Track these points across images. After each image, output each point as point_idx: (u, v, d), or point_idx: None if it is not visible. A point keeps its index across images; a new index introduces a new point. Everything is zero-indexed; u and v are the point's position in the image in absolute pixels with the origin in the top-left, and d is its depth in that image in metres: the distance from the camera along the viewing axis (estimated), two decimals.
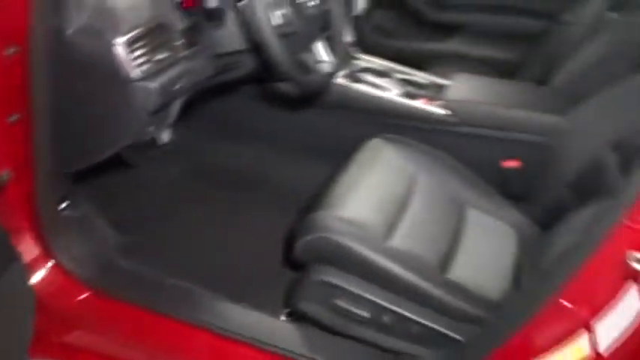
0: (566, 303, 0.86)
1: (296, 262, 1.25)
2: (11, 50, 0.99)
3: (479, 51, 2.30)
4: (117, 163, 1.73)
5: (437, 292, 1.16)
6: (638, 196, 0.75)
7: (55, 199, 1.23)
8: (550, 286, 0.87)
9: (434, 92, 1.65)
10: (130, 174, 1.78)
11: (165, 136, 1.68)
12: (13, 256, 1.01)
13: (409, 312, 1.16)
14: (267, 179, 1.80)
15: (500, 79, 1.86)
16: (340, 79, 1.61)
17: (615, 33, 1.58)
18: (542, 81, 1.94)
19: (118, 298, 1.25)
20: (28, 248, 1.16)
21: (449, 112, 1.56)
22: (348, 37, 1.79)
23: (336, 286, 1.19)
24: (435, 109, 1.58)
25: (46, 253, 1.19)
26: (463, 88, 1.64)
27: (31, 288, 1.08)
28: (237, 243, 1.62)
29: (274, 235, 1.59)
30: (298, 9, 1.20)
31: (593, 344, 0.81)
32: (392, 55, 2.05)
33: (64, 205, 1.28)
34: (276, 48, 1.08)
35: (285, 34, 1.14)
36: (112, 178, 1.68)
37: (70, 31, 1.00)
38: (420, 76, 1.76)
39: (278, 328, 1.26)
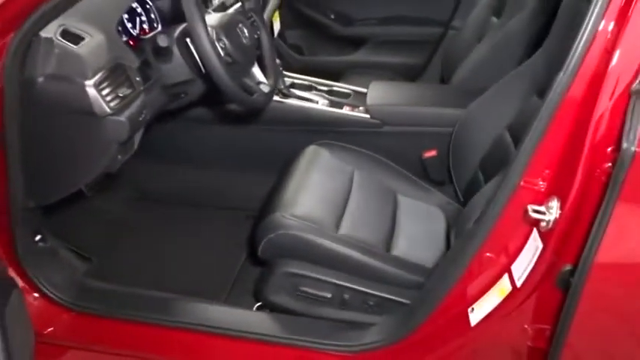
0: (489, 254, 1.09)
1: (261, 260, 1.41)
2: None
3: (385, 58, 2.53)
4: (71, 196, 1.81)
5: (385, 267, 1.36)
6: (527, 162, 0.99)
7: (30, 232, 1.31)
8: (472, 245, 1.09)
9: (356, 100, 1.86)
10: (83, 204, 1.85)
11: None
12: (14, 284, 1.10)
13: (364, 287, 1.36)
14: (217, 194, 1.93)
15: (410, 83, 2.10)
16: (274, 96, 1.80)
17: (498, 34, 1.87)
18: (443, 80, 2.22)
19: (99, 315, 1.35)
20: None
21: (371, 116, 1.78)
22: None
23: (300, 275, 1.36)
24: (360, 115, 1.78)
25: (31, 287, 1.28)
26: (380, 94, 1.85)
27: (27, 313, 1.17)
28: (198, 252, 1.75)
29: (230, 242, 1.74)
30: (235, 41, 1.35)
31: (512, 281, 1.05)
32: (309, 71, 2.26)
33: (37, 237, 1.36)
34: (223, 76, 1.23)
35: (227, 63, 1.30)
36: (66, 209, 1.76)
37: (40, 80, 1.11)
38: (341, 87, 1.96)
39: (251, 318, 1.39)
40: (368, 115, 1.78)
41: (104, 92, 1.13)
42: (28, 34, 1.06)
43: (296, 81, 1.96)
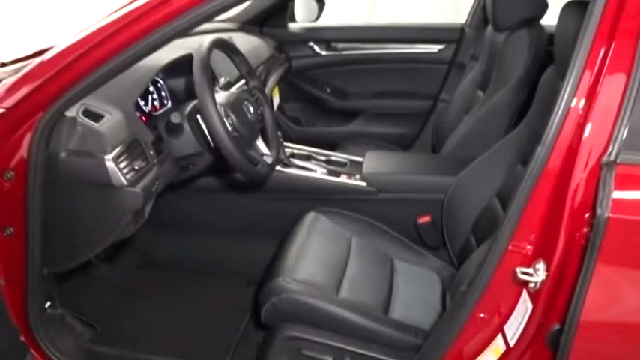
0: (482, 315, 1.15)
1: (263, 325, 1.45)
2: (9, 175, 1.18)
3: (379, 129, 2.66)
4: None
5: (383, 329, 1.40)
6: (514, 227, 1.06)
7: (42, 298, 1.36)
8: (466, 307, 1.15)
9: (353, 169, 1.96)
10: (88, 271, 1.91)
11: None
12: (26, 349, 1.14)
13: (364, 349, 1.39)
14: (219, 261, 1.99)
15: (403, 152, 2.21)
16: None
17: (483, 107, 2.00)
18: (434, 150, 2.34)
19: None
20: None
21: (368, 184, 1.87)
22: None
23: (301, 339, 1.41)
24: (357, 183, 1.88)
25: (37, 350, 1.31)
26: (375, 163, 1.95)
27: None
28: (201, 318, 1.79)
29: (233, 307, 1.78)
30: (241, 117, 1.46)
31: (505, 341, 1.10)
32: (306, 141, 2.37)
33: (47, 304, 1.41)
34: (232, 151, 1.33)
35: (234, 137, 1.40)
36: (72, 276, 1.81)
37: (63, 155, 1.20)
38: (338, 156, 2.07)
39: None
40: (364, 183, 1.87)
41: (121, 165, 1.22)
42: (55, 113, 1.16)
43: (295, 151, 2.07)
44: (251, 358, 1.55)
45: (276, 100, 2.54)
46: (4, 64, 1.49)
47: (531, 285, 1.02)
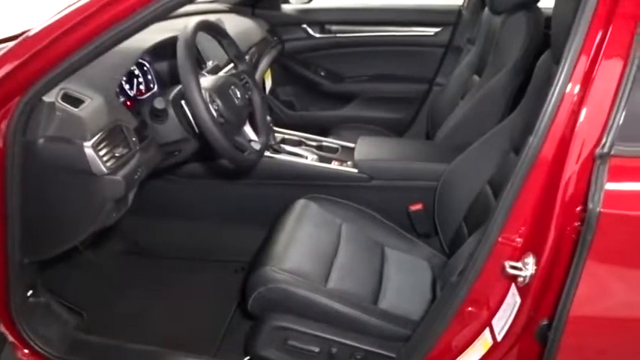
0: (471, 309, 1.13)
1: (250, 314, 1.43)
2: None
3: (373, 114, 2.62)
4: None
5: (372, 320, 1.38)
6: (504, 219, 1.04)
7: (23, 287, 1.33)
8: (455, 300, 1.12)
9: (344, 155, 1.93)
10: (76, 258, 1.88)
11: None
12: (4, 338, 1.11)
13: (351, 340, 1.38)
14: (208, 247, 1.97)
15: (396, 138, 2.17)
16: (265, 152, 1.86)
17: (478, 92, 1.95)
18: (429, 136, 2.31)
19: None
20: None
21: (359, 171, 1.84)
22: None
23: (288, 329, 1.39)
24: (348, 169, 1.84)
25: (21, 342, 1.29)
26: (367, 149, 1.92)
27: None
28: (189, 306, 1.77)
29: (222, 295, 1.76)
30: (227, 102, 1.41)
31: (493, 335, 1.08)
32: (300, 125, 2.34)
33: (29, 293, 1.38)
34: (217, 136, 1.29)
35: (220, 123, 1.36)
36: (59, 264, 1.78)
37: (41, 141, 1.16)
38: (330, 142, 2.03)
39: None
40: (356, 170, 1.84)
41: (101, 153, 1.18)
42: (32, 99, 1.11)
43: (286, 136, 2.03)
44: (238, 347, 1.53)
45: (268, 84, 2.50)
46: None
47: (520, 279, 1.00)
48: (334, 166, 1.86)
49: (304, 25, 2.61)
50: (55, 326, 1.42)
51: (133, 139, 1.30)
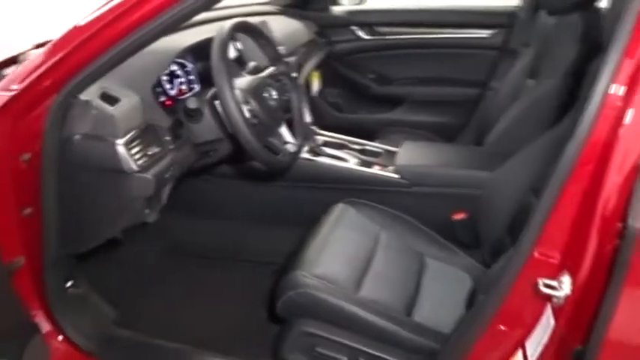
0: (502, 327, 1.06)
1: (279, 317, 1.42)
2: (25, 156, 1.18)
3: (422, 118, 2.55)
4: (107, 244, 1.90)
5: (402, 332, 1.33)
6: (539, 232, 0.96)
7: (61, 279, 1.38)
8: (484, 317, 1.06)
9: (386, 159, 1.88)
10: (117, 252, 1.93)
11: (151, 218, 1.87)
12: (34, 329, 1.15)
13: (379, 351, 1.33)
14: (246, 248, 1.97)
15: (442, 144, 2.10)
16: (304, 154, 1.84)
17: (531, 97, 1.86)
18: (478, 142, 2.21)
19: None
20: (40, 325, 1.30)
21: (401, 176, 1.79)
22: (308, 117, 2.04)
23: (316, 335, 1.36)
24: (389, 174, 1.80)
25: (57, 330, 1.33)
26: (410, 154, 1.86)
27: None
28: (222, 306, 1.78)
29: (254, 296, 1.75)
30: (262, 103, 1.41)
31: (525, 358, 1.01)
32: (347, 128, 2.30)
33: (68, 284, 1.43)
34: (248, 136, 1.29)
35: (253, 124, 1.36)
36: (103, 258, 1.84)
37: (76, 138, 1.20)
38: (373, 146, 1.99)
39: None
40: (397, 175, 1.79)
41: (133, 151, 1.20)
42: (67, 96, 1.15)
43: (329, 139, 2.00)
44: (267, 351, 1.52)
45: (316, 86, 2.48)
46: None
47: (555, 300, 0.92)
48: (375, 170, 1.82)
49: (353, 27, 2.57)
50: (91, 318, 1.46)
51: (166, 138, 1.32)
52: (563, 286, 0.91)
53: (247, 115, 1.34)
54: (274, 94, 1.47)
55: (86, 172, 1.22)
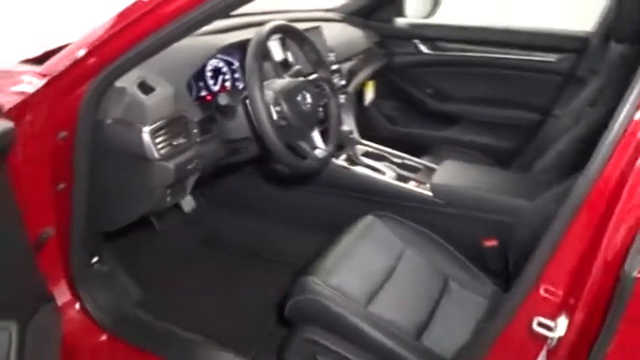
0: None
1: (287, 320, 1.42)
2: (62, 134, 1.26)
3: (477, 139, 2.46)
4: (143, 227, 1.98)
5: (406, 354, 1.29)
6: (540, 269, 0.90)
7: (86, 254, 1.45)
8: (478, 352, 1.00)
9: (424, 176, 1.83)
10: (154, 238, 2.01)
11: (188, 207, 1.93)
12: (49, 297, 1.21)
13: None
14: (276, 248, 1.99)
15: (485, 166, 2.01)
16: (340, 162, 1.84)
17: (585, 125, 1.74)
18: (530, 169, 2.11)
19: (131, 343, 1.43)
20: (61, 293, 1.37)
21: (434, 195, 1.73)
22: (352, 126, 2.03)
23: (318, 343, 1.34)
24: (422, 191, 1.75)
25: (75, 299, 1.40)
26: (449, 173, 1.80)
27: (59, 326, 1.28)
28: (240, 303, 1.80)
29: (274, 296, 1.76)
30: (294, 106, 1.41)
31: None
32: (398, 141, 2.26)
33: (94, 260, 1.50)
34: (271, 137, 1.30)
35: (280, 126, 1.37)
36: (137, 241, 1.92)
37: (108, 122, 1.26)
38: (413, 161, 1.95)
39: None
40: (431, 193, 1.74)
41: (158, 139, 1.25)
42: (103, 81, 1.21)
43: (370, 150, 1.98)
44: (274, 352, 1.52)
45: (369, 96, 2.47)
46: None
47: (549, 341, 0.86)
48: (409, 185, 1.78)
49: (415, 40, 2.53)
50: (111, 295, 1.52)
51: (194, 131, 1.35)
52: (558, 328, 0.85)
53: (275, 116, 1.35)
54: (309, 98, 1.47)
55: (114, 155, 1.28)
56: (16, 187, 1.16)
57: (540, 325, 0.87)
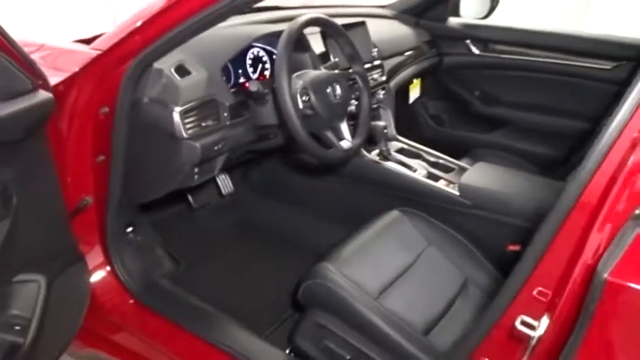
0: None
1: (299, 303, 1.46)
2: (104, 110, 1.36)
3: (522, 145, 2.40)
4: (181, 205, 2.10)
5: (410, 348, 1.30)
6: (529, 269, 0.90)
7: (121, 223, 1.55)
8: (466, 347, 1.01)
9: (456, 176, 1.81)
10: (192, 217, 2.12)
11: (225, 191, 2.02)
12: (79, 257, 1.32)
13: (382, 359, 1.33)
14: (298, 237, 2.05)
15: (518, 171, 1.94)
16: (372, 156, 1.86)
17: None
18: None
19: (154, 310, 1.52)
20: (94, 256, 1.49)
21: (461, 195, 1.72)
22: (389, 121, 2.05)
23: (325, 328, 1.39)
24: (449, 191, 1.74)
25: (106, 262, 1.51)
26: (479, 175, 1.77)
27: (89, 285, 1.39)
28: (262, 285, 1.87)
29: (293, 284, 1.82)
30: (321, 97, 1.44)
31: None
32: (441, 141, 2.25)
33: (129, 229, 1.61)
34: (295, 124, 1.35)
35: (306, 115, 1.41)
36: (174, 217, 2.03)
37: (145, 100, 1.35)
38: (450, 161, 1.93)
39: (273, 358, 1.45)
40: (458, 193, 1.73)
41: (187, 120, 1.33)
42: (143, 61, 1.30)
43: (405, 147, 1.99)
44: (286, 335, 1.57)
45: (413, 94, 2.46)
46: None
47: (531, 341, 0.86)
48: (437, 184, 1.78)
49: (467, 41, 2.49)
50: (142, 264, 1.62)
51: (225, 114, 1.42)
52: (539, 327, 0.85)
53: (301, 105, 1.40)
54: (339, 90, 1.51)
55: (149, 131, 1.37)
56: (56, 156, 1.27)
57: (523, 323, 0.87)
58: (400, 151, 1.96)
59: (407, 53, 2.28)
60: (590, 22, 4.07)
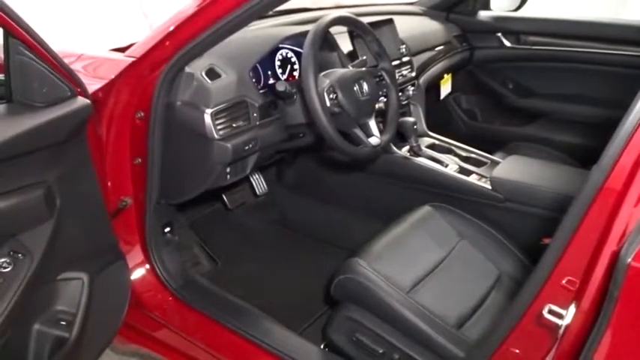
0: (515, 350, 1.00)
1: (332, 298, 1.49)
2: (140, 114, 1.42)
3: (558, 137, 2.35)
4: (218, 206, 2.16)
5: (441, 340, 1.31)
6: (555, 259, 0.89)
7: (159, 223, 1.61)
8: (495, 339, 1.01)
9: (488, 170, 1.80)
10: (228, 216, 2.17)
11: (260, 191, 2.07)
12: (120, 256, 1.39)
13: (415, 354, 1.34)
14: (333, 234, 2.08)
15: (552, 163, 1.91)
16: (403, 152, 1.87)
17: None
18: None
19: (192, 306, 1.57)
20: (134, 255, 1.55)
21: (493, 189, 1.71)
22: (419, 117, 2.05)
23: (358, 322, 1.41)
24: (481, 185, 1.73)
25: (146, 261, 1.57)
26: (511, 168, 1.75)
27: (130, 282, 1.45)
28: (298, 282, 1.90)
29: (328, 280, 1.85)
30: (348, 95, 1.46)
31: None
32: (475, 136, 2.22)
33: (167, 229, 1.67)
34: (323, 122, 1.37)
35: (333, 113, 1.43)
36: (211, 218, 2.09)
37: (178, 104, 1.40)
38: (482, 155, 1.91)
39: (313, 355, 1.47)
40: (490, 187, 1.72)
41: (218, 121, 1.37)
42: (175, 66, 1.35)
43: (437, 142, 1.99)
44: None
45: (445, 90, 2.45)
46: None
47: (559, 330, 0.86)
48: (468, 178, 1.77)
49: (498, 34, 2.46)
50: (180, 262, 1.68)
51: (254, 114, 1.46)
52: (567, 316, 0.85)
53: (328, 103, 1.42)
54: (366, 87, 1.52)
55: (182, 134, 1.42)
56: (96, 159, 1.34)
57: (551, 312, 0.87)
58: (431, 146, 1.96)
59: (437, 48, 2.28)
60: (629, 12, 3.95)
